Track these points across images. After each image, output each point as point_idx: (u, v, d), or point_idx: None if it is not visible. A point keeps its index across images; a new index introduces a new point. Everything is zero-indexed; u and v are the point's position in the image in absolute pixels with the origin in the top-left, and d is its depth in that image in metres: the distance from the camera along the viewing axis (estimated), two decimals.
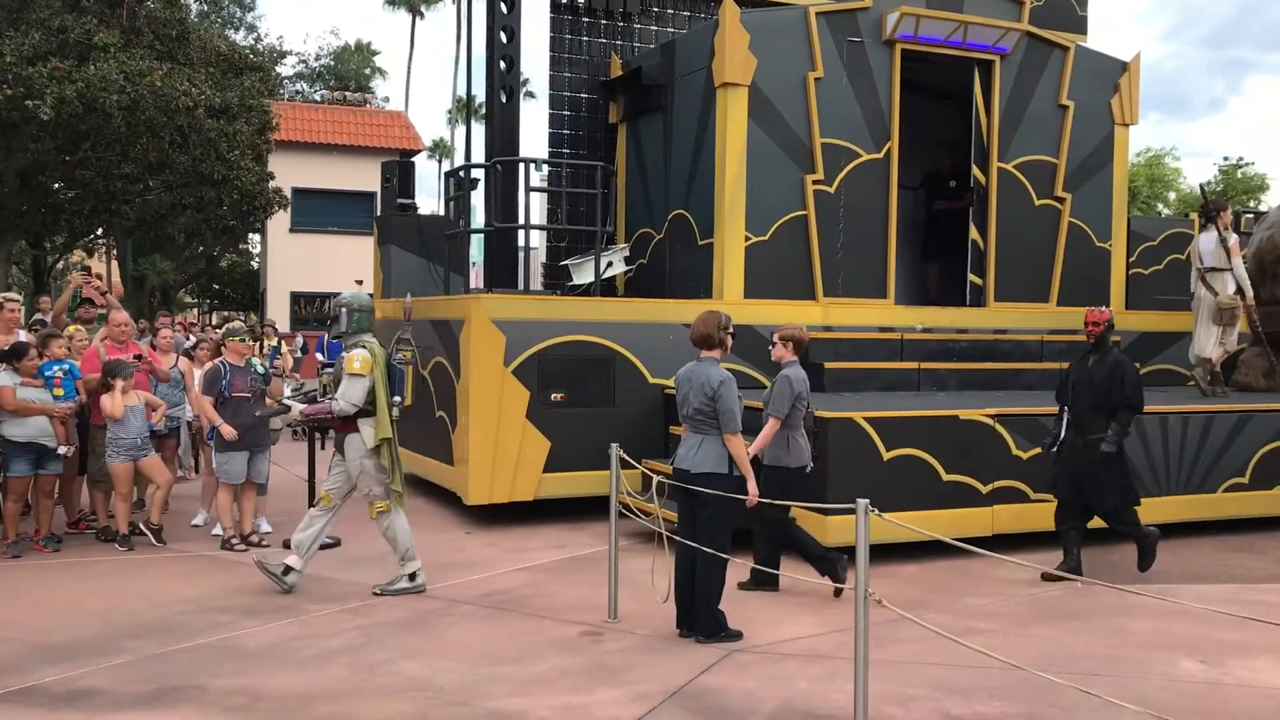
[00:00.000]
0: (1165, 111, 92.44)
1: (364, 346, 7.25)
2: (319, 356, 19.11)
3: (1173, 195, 46.29)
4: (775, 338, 7.49)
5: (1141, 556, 7.92)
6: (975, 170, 11.96)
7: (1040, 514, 8.74)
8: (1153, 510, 9.22)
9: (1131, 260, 13.13)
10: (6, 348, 8.53)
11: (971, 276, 12.02)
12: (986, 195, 11.95)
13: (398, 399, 7.38)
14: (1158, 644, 6.29)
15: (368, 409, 7.19)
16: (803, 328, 7.58)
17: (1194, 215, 14.53)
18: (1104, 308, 8.16)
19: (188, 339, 12.66)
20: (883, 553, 7.78)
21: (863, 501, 4.56)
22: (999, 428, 8.70)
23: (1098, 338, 7.99)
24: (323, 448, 10.71)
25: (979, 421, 8.65)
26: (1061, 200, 12.28)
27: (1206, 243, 11.00)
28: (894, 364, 10.63)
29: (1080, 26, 13.18)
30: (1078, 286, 12.32)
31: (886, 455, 8.21)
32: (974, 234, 12.00)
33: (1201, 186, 13.59)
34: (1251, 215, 14.85)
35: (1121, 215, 12.74)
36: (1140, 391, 7.90)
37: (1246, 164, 44.19)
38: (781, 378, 7.26)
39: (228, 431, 8.48)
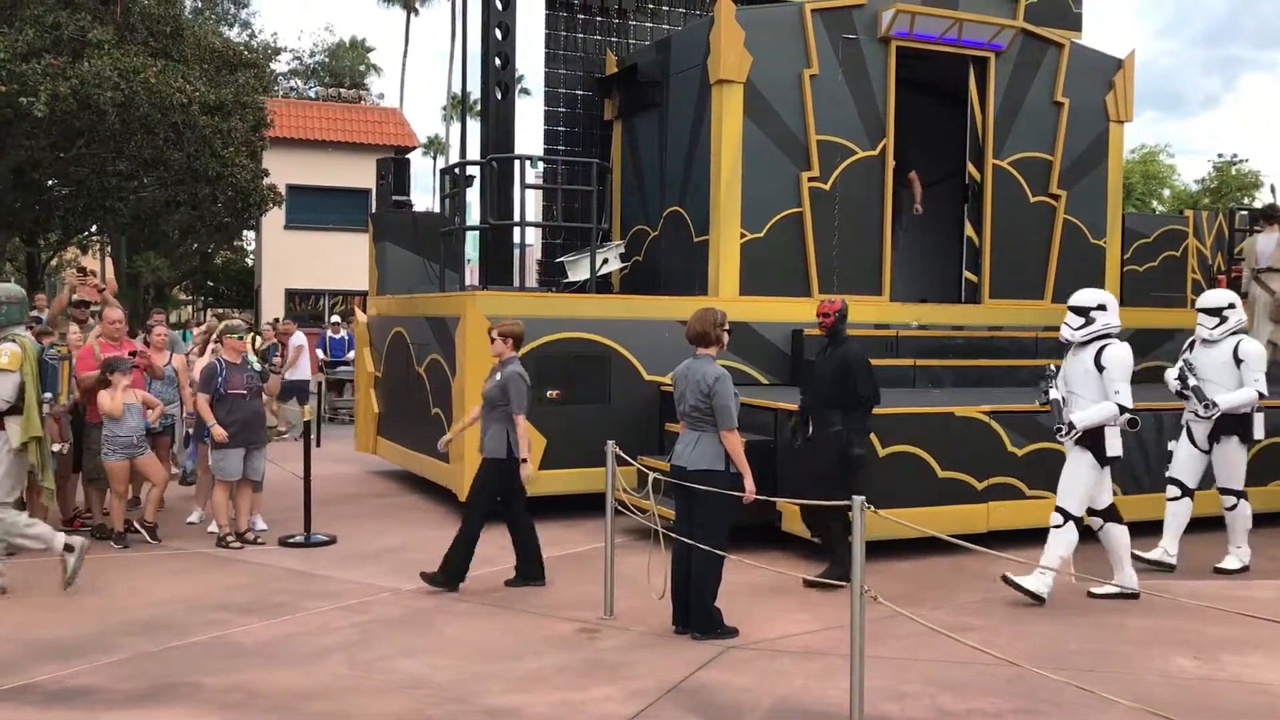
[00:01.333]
0: (1160, 109, 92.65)
1: (14, 340, 7.14)
2: (320, 354, 19.10)
3: (1167, 192, 46.37)
4: (494, 333, 7.45)
5: (831, 566, 7.39)
6: (970, 167, 11.97)
7: (1036, 510, 8.74)
8: (1147, 507, 9.25)
9: (1126, 257, 13.16)
10: None
11: (966, 273, 12.04)
12: (981, 192, 11.97)
13: (49, 395, 7.27)
14: (1152, 640, 6.31)
15: (17, 405, 7.01)
16: (520, 323, 7.64)
17: (1191, 214, 14.55)
18: (836, 297, 7.75)
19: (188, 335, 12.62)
20: (879, 549, 7.79)
21: (859, 498, 4.57)
22: (994, 424, 8.71)
23: (829, 329, 7.57)
24: (318, 445, 10.69)
25: (974, 418, 8.66)
26: (1056, 197, 12.30)
27: (1266, 244, 11.17)
28: (889, 360, 10.63)
29: (1075, 23, 13.19)
30: (1072, 283, 12.23)
31: (882, 452, 8.22)
32: (969, 230, 12.02)
33: (1273, 187, 13.72)
34: (1246, 212, 14.87)
35: (1116, 212, 12.76)
36: (872, 384, 7.43)
37: (1241, 161, 44.33)
38: (513, 375, 7.22)
39: (218, 433, 8.47)
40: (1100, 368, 7.05)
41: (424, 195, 50.43)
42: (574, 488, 9.70)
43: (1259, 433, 8.02)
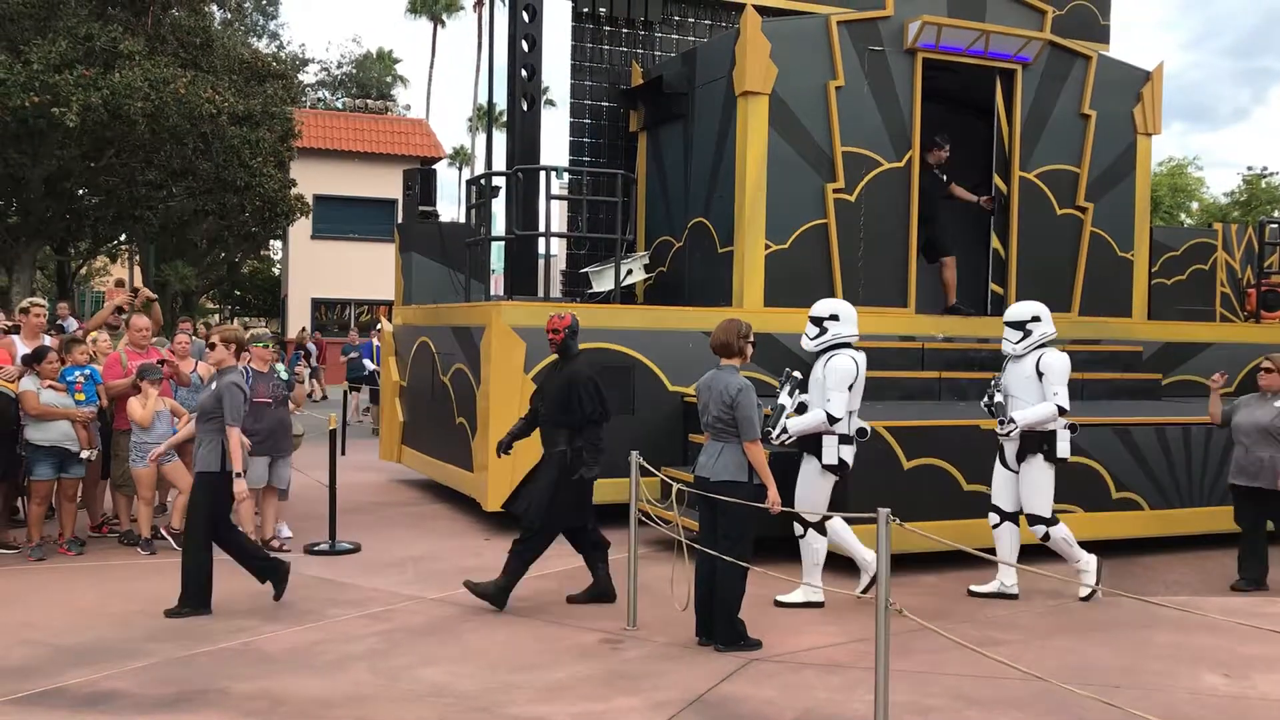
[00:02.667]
0: (1189, 121, 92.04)
1: None
2: (367, 362, 19.12)
3: (1195, 205, 46.00)
4: (213, 339, 7.25)
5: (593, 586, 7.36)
6: (996, 179, 11.92)
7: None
8: (1177, 522, 9.19)
9: (1154, 270, 13.06)
10: (30, 352, 8.62)
11: (993, 285, 11.99)
12: (1008, 204, 11.92)
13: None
14: (1181, 656, 6.25)
15: None
16: (240, 329, 7.42)
17: (1221, 227, 14.44)
18: (566, 312, 7.48)
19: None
20: (903, 562, 7.76)
21: (884, 511, 4.56)
22: None
23: (558, 346, 7.26)
24: (343, 453, 10.75)
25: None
26: (1083, 210, 12.23)
27: None
28: (914, 373, 10.59)
29: (1103, 36, 13.14)
30: (1099, 296, 12.27)
31: (907, 464, 8.19)
32: (995, 243, 11.97)
33: None
34: (1276, 225, 14.73)
35: (1144, 225, 12.67)
36: (599, 403, 7.08)
37: (1271, 174, 43.85)
38: (229, 385, 6.92)
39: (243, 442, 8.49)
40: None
41: (450, 206, 50.61)
42: (597, 498, 9.65)
43: (1063, 450, 7.42)
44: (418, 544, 9.22)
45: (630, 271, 11.73)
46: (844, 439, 7.20)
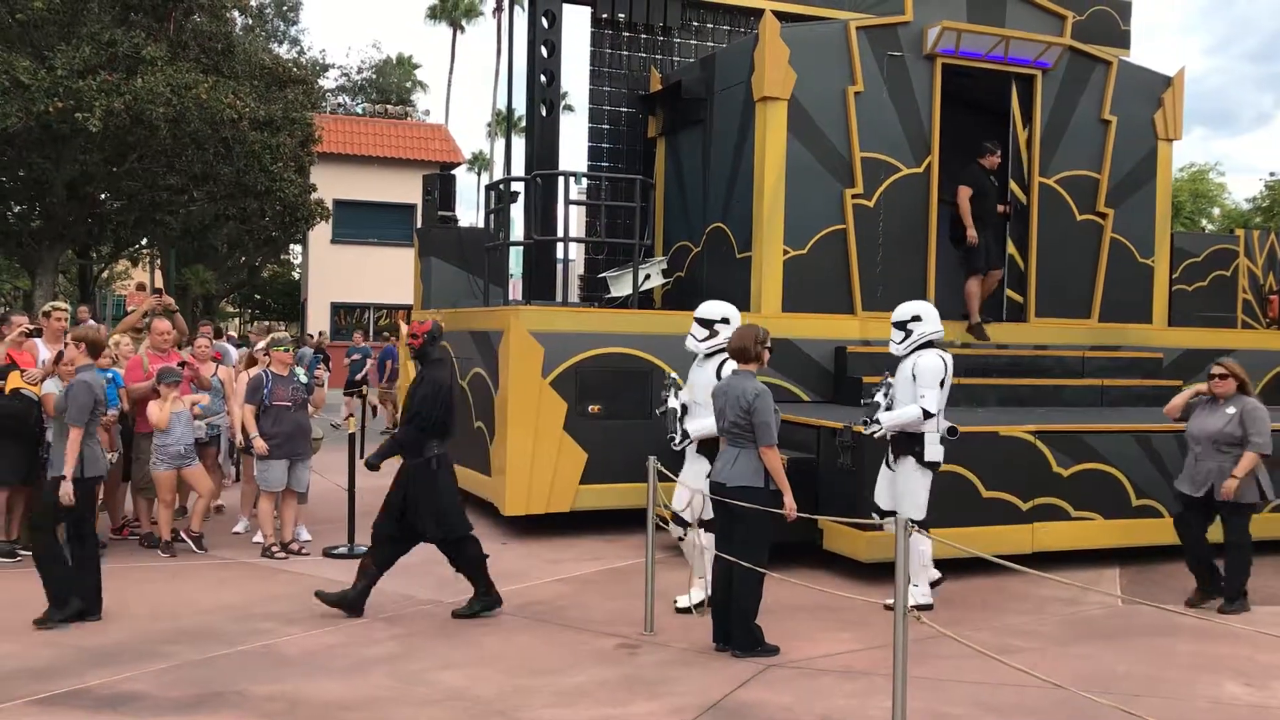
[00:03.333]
0: (1211, 126, 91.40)
1: None
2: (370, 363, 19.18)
3: (1217, 211, 45.69)
4: (69, 339, 7.16)
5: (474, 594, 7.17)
6: (1014, 186, 11.89)
7: (1081, 532, 8.67)
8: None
9: (1175, 276, 12.99)
10: (52, 355, 8.68)
11: (1010, 293, 11.93)
12: (1027, 210, 11.87)
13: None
14: (1201, 665, 6.21)
15: None
16: (99, 329, 7.31)
17: (1242, 233, 14.35)
18: (428, 318, 7.21)
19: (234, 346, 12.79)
20: None
21: (901, 517, 4.55)
22: (1039, 444, 8.62)
23: (417, 351, 7.12)
24: (361, 456, 10.79)
25: (1019, 438, 8.58)
26: (1104, 215, 12.18)
27: None
28: None
29: (1123, 41, 13.09)
30: (1120, 302, 12.21)
31: None
32: (1012, 249, 11.92)
33: None
34: None
35: (1164, 231, 12.61)
36: (429, 405, 6.90)
37: None
38: (80, 384, 6.77)
39: (259, 446, 8.56)
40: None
41: (469, 211, 50.87)
42: (615, 503, 9.71)
43: (930, 455, 7.17)
44: (436, 548, 9.23)
45: (648, 276, 11.74)
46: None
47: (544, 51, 12.39)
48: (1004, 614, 7.30)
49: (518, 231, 12.90)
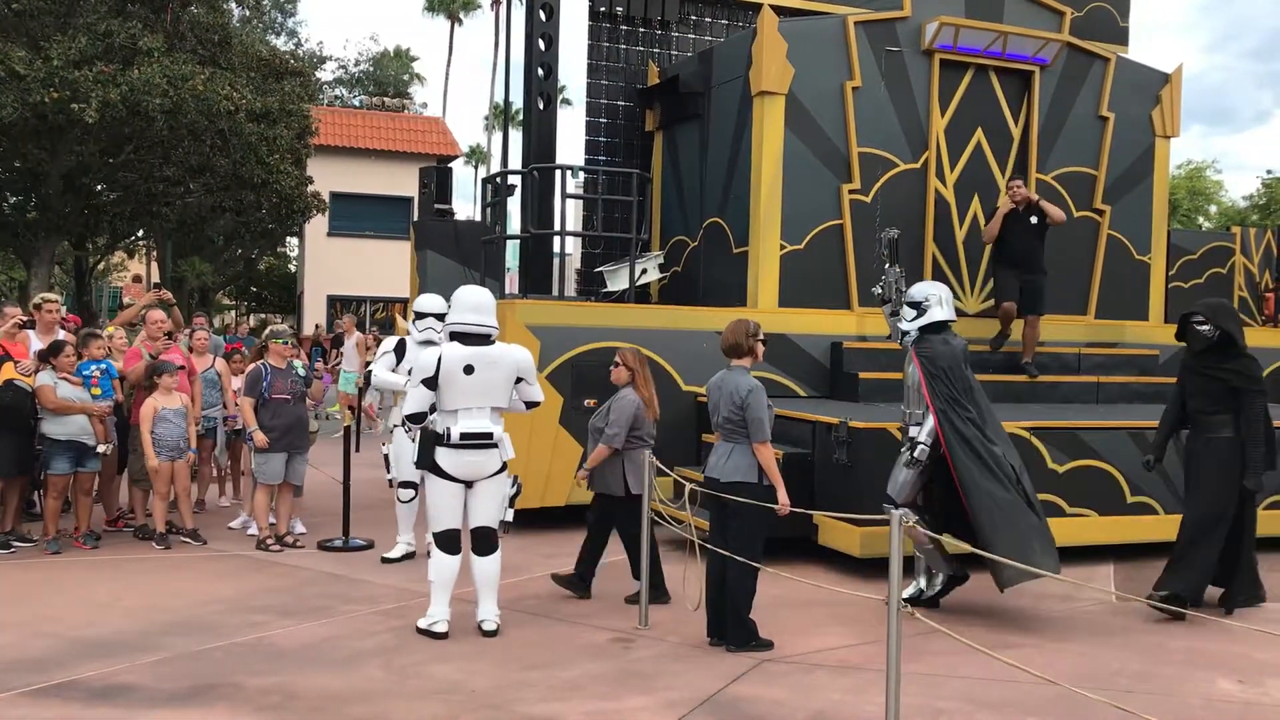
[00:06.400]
0: (1208, 123, 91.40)
1: None
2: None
3: (1214, 208, 45.72)
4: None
5: None
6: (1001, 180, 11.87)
7: (1077, 528, 8.67)
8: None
9: (1171, 274, 13.00)
10: (45, 347, 8.68)
11: None
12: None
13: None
14: (1195, 662, 6.22)
15: None
16: None
17: (1239, 231, 14.36)
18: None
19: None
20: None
21: (897, 512, 4.55)
22: (1035, 441, 8.63)
23: None
24: (357, 449, 10.79)
25: (1015, 434, 8.57)
26: (1100, 212, 12.18)
27: None
28: None
29: (1122, 37, 13.07)
30: (1116, 299, 12.21)
31: None
32: None
33: None
34: None
35: (1161, 228, 12.61)
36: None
37: None
38: None
39: (259, 439, 8.55)
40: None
41: (466, 204, 50.70)
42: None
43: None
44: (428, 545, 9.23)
45: (645, 271, 11.73)
46: None
47: (541, 45, 12.36)
48: (998, 610, 7.30)
49: (514, 225, 12.90)
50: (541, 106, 12.38)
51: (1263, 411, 7.15)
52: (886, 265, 8.07)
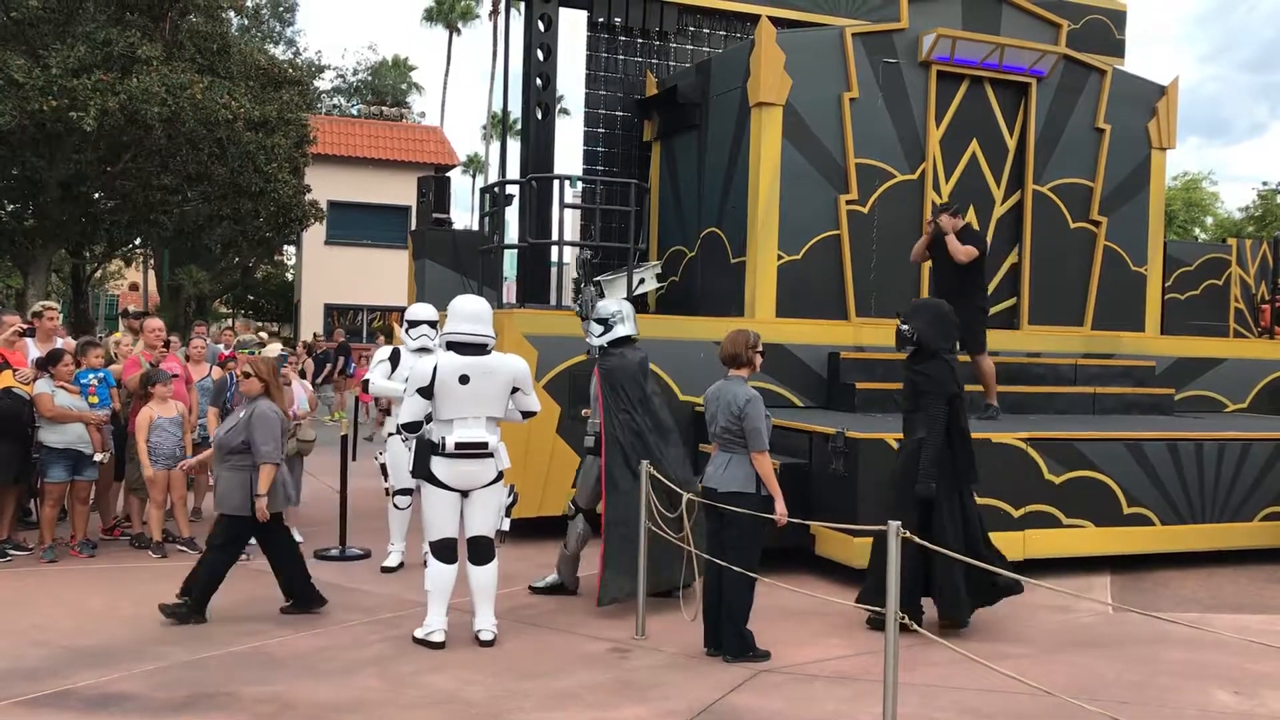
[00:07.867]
0: (1205, 135, 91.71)
1: None
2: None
3: (1210, 220, 45.81)
4: None
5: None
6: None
7: (1073, 539, 8.68)
8: (1187, 538, 9.14)
9: (1167, 285, 13.02)
10: (44, 355, 8.68)
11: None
12: (1021, 218, 11.90)
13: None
14: (1190, 673, 6.22)
15: None
16: None
17: (1235, 242, 14.40)
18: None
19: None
20: None
21: (894, 523, 4.56)
22: (1031, 451, 8.64)
23: None
24: (353, 458, 10.78)
25: (1011, 445, 8.60)
26: (1097, 224, 12.21)
27: None
28: None
29: (1118, 50, 13.13)
30: (1112, 310, 12.23)
31: None
32: (1014, 257, 11.92)
33: None
34: None
35: (1157, 239, 12.64)
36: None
37: None
38: None
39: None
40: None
41: (463, 213, 50.81)
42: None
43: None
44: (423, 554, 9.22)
45: (642, 281, 11.74)
46: None
47: (540, 55, 12.39)
48: (994, 620, 7.30)
49: (512, 234, 12.90)
50: (540, 116, 12.41)
51: (941, 415, 6.82)
52: (581, 285, 8.16)
